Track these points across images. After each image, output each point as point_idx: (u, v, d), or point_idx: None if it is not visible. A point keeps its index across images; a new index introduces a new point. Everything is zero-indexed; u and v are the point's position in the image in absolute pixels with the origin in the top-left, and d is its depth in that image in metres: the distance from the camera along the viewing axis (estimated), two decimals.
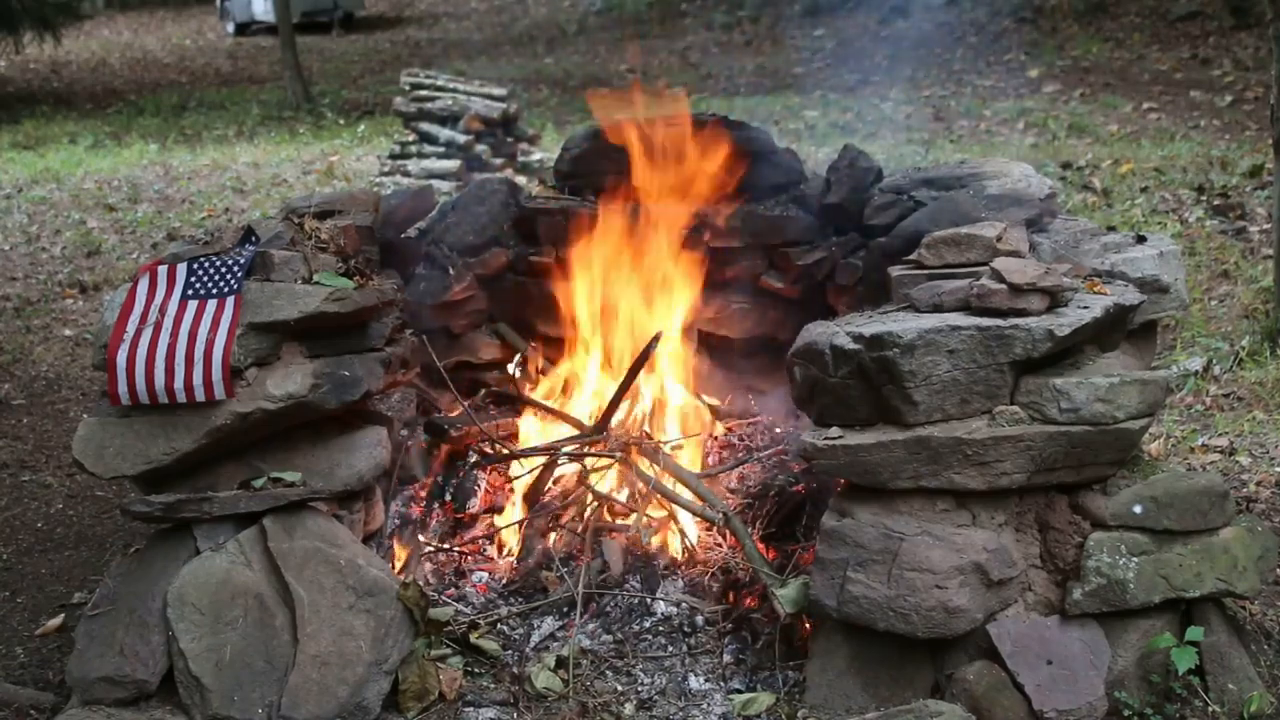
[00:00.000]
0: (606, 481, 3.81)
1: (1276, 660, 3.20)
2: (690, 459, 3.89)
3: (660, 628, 3.36)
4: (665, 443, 3.80)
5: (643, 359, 3.73)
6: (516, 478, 3.88)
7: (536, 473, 3.84)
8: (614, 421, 3.79)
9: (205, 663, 3.00)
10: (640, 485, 3.68)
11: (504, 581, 3.62)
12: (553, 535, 3.70)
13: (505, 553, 3.76)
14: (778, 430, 4.06)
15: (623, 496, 3.75)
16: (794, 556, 3.42)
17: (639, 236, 4.05)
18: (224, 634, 3.03)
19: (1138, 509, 2.98)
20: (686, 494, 3.61)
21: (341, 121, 14.56)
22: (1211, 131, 10.80)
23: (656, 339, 3.76)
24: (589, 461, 3.77)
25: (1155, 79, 13.53)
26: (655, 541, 3.64)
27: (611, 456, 3.73)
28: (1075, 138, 10.88)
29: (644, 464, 3.70)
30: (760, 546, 3.45)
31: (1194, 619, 3.04)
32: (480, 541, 3.81)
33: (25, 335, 6.86)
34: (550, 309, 4.22)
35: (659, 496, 3.64)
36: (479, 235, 4.20)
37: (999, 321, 2.91)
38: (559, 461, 3.82)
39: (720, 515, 3.44)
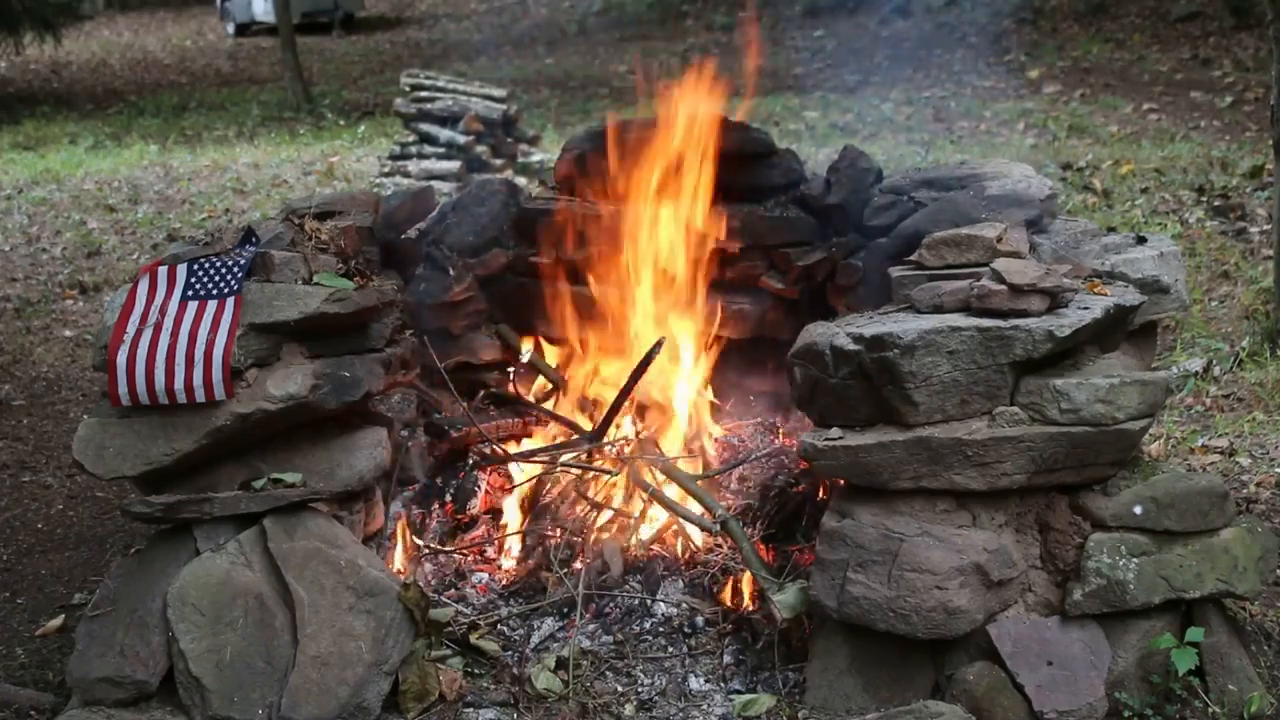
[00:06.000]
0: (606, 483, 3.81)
1: (1276, 661, 3.20)
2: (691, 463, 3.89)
3: (660, 629, 3.35)
4: (669, 458, 3.78)
5: (644, 365, 3.73)
6: (514, 486, 3.87)
7: (534, 477, 3.84)
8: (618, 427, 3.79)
9: (205, 663, 3.00)
10: (639, 491, 3.68)
11: (504, 582, 3.62)
12: (553, 537, 3.70)
13: (505, 553, 3.75)
14: (779, 430, 4.06)
15: (620, 502, 3.75)
16: (793, 557, 3.41)
17: (647, 238, 4.05)
18: (224, 634, 3.03)
19: (1138, 510, 2.98)
20: (685, 499, 3.61)
21: (342, 122, 14.57)
22: (1211, 132, 10.81)
23: (659, 345, 3.76)
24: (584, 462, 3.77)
25: (1155, 79, 13.53)
26: (654, 544, 3.64)
27: (607, 472, 3.73)
28: (1075, 138, 10.88)
29: (643, 469, 3.70)
30: (760, 548, 3.45)
31: (1194, 620, 3.04)
32: (480, 543, 3.81)
33: (25, 336, 6.86)
34: (552, 309, 4.23)
35: (658, 501, 3.64)
36: (479, 236, 4.20)
37: (999, 322, 2.91)
38: (555, 469, 3.82)
39: (717, 523, 3.43)
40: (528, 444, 4.03)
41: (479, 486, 3.91)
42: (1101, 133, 11.02)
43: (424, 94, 11.01)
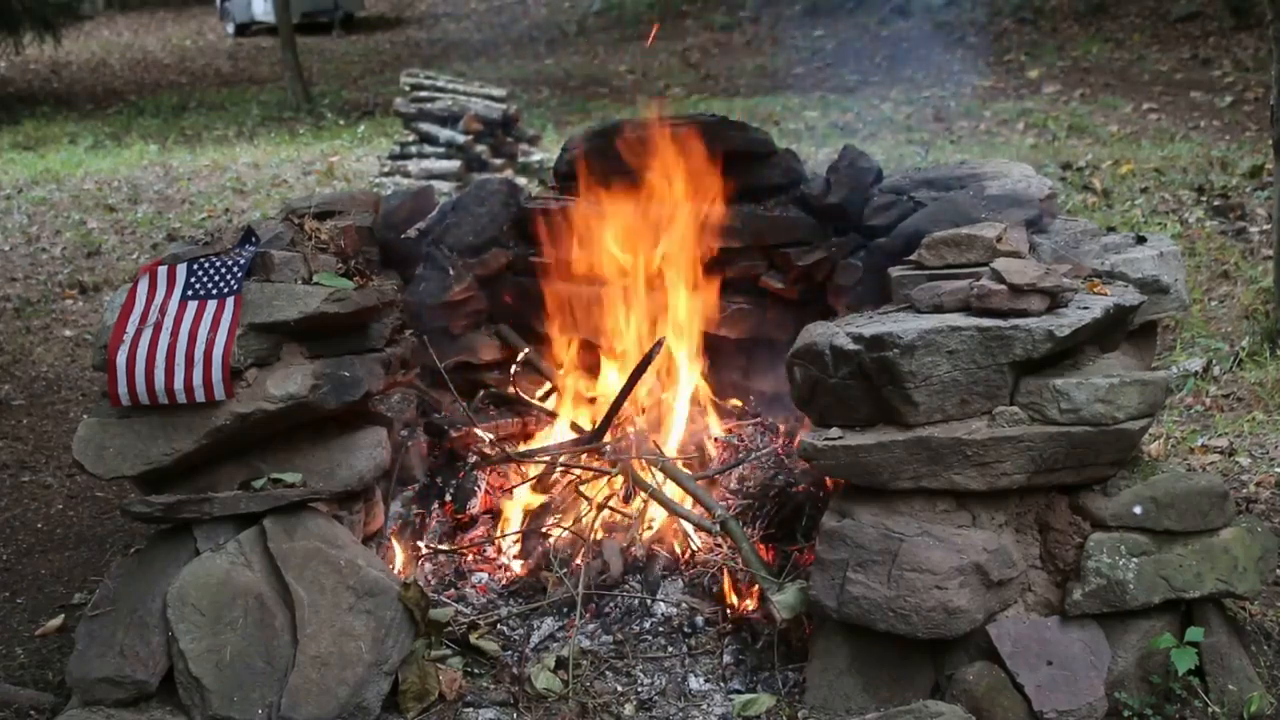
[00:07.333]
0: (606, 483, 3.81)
1: (1276, 661, 3.20)
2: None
3: (660, 628, 3.36)
4: (669, 458, 3.78)
5: (644, 365, 3.73)
6: (514, 487, 3.87)
7: (534, 478, 3.84)
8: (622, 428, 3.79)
9: (205, 663, 3.00)
10: (639, 491, 3.68)
11: (504, 582, 3.62)
12: (552, 537, 3.70)
13: (505, 551, 3.75)
14: (779, 430, 4.05)
15: (620, 502, 3.75)
16: (793, 557, 3.41)
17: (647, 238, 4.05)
18: (224, 634, 3.03)
19: (1138, 509, 2.98)
20: (686, 499, 3.61)
21: (341, 122, 14.57)
22: (1211, 132, 10.80)
23: (659, 345, 3.75)
24: (584, 461, 3.77)
25: (1155, 79, 13.53)
26: (654, 544, 3.64)
27: (606, 473, 3.74)
28: (1075, 138, 10.88)
29: (642, 469, 3.70)
30: (760, 548, 3.45)
31: (1194, 619, 3.04)
32: (480, 543, 3.81)
33: (25, 335, 6.86)
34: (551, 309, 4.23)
35: (658, 501, 3.64)
36: (479, 236, 4.20)
37: (999, 322, 2.91)
38: (555, 469, 3.82)
39: (717, 523, 3.43)
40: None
41: (479, 486, 3.91)
42: (1101, 133, 11.02)
43: (424, 94, 11.01)
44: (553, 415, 4.11)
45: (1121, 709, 2.92)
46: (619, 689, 3.16)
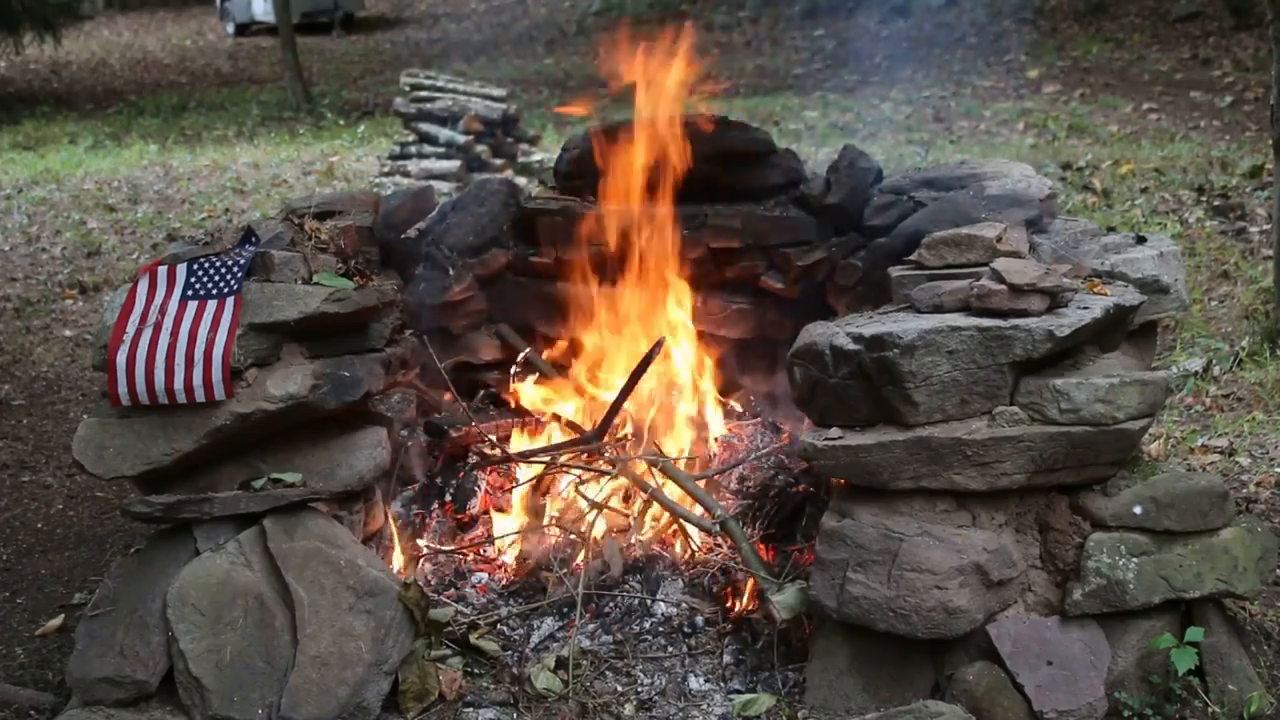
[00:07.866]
0: (606, 484, 3.80)
1: (1276, 661, 3.20)
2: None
3: (660, 628, 3.35)
4: (669, 458, 3.78)
5: (644, 365, 3.72)
6: (513, 486, 3.87)
7: (533, 479, 3.84)
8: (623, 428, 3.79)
9: (205, 663, 3.00)
10: (639, 491, 3.67)
11: (504, 582, 3.62)
12: (552, 537, 3.70)
13: (505, 553, 3.75)
14: (780, 430, 4.05)
15: (619, 503, 3.75)
16: (793, 557, 3.41)
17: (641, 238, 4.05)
18: (224, 634, 3.03)
19: (1138, 509, 2.98)
20: (685, 499, 3.61)
21: (341, 122, 14.57)
22: (1211, 132, 10.80)
23: (659, 345, 3.75)
24: (585, 462, 3.77)
25: (1155, 79, 13.54)
26: (654, 544, 3.64)
27: (606, 473, 3.73)
28: (1075, 138, 10.88)
29: (642, 468, 3.70)
30: (760, 548, 3.45)
31: (1194, 619, 3.04)
32: (480, 543, 3.81)
33: (25, 335, 6.86)
34: (551, 310, 4.23)
35: (658, 502, 3.63)
36: (479, 236, 4.20)
37: (999, 322, 2.91)
38: (555, 470, 3.82)
39: (716, 523, 3.43)
40: (529, 444, 4.03)
41: (479, 486, 3.91)
42: (1101, 133, 11.02)
43: (424, 94, 11.01)
44: (553, 416, 4.11)
45: (1121, 709, 2.92)
46: (619, 689, 3.16)
